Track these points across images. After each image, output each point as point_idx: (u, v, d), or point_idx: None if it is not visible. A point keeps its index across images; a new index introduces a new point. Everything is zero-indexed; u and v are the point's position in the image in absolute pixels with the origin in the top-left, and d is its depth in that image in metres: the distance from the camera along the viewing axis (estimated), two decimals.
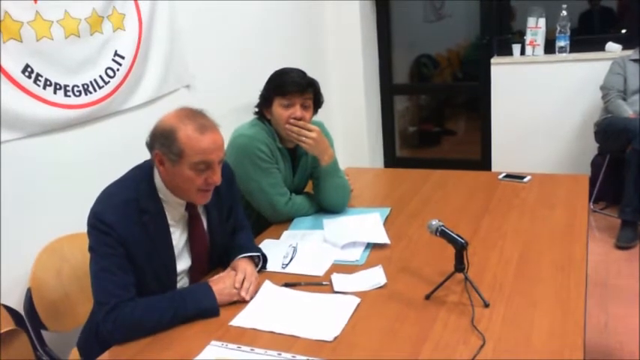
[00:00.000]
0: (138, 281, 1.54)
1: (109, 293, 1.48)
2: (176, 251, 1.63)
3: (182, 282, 1.68)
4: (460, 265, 1.48)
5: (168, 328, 1.46)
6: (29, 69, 2.02)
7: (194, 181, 1.54)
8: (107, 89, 2.32)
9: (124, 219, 1.51)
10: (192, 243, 1.68)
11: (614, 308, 2.74)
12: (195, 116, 1.55)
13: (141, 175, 1.60)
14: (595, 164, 3.88)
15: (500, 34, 4.29)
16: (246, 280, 1.60)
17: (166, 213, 1.60)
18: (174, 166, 1.53)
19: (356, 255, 1.79)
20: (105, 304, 1.46)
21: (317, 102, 2.15)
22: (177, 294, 1.56)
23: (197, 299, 1.52)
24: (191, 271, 1.70)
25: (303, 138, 2.05)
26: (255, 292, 1.61)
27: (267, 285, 1.64)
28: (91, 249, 1.53)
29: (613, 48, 3.90)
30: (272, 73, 2.15)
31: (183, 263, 1.66)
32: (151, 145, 1.57)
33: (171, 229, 1.62)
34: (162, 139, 1.52)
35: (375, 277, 1.63)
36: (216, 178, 1.56)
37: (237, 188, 1.90)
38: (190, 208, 1.65)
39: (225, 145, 2.08)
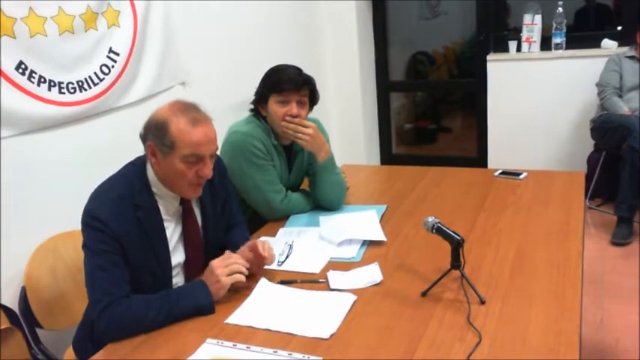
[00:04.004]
0: (133, 277, 1.53)
1: (103, 291, 1.47)
2: (170, 245, 1.63)
3: (177, 278, 1.68)
4: (456, 262, 1.48)
5: (163, 327, 1.46)
6: (23, 66, 2.00)
7: (185, 174, 1.54)
8: (102, 86, 2.31)
9: (118, 215, 1.51)
10: (186, 236, 1.67)
11: (609, 305, 2.74)
12: (188, 109, 1.56)
13: (134, 171, 1.60)
14: (591, 161, 3.88)
15: (497, 30, 4.29)
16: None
17: (160, 207, 1.60)
18: (165, 157, 1.53)
19: (352, 252, 1.79)
20: (99, 302, 1.46)
21: (313, 99, 2.14)
22: (172, 292, 1.56)
23: (192, 296, 1.51)
24: (186, 267, 1.69)
25: (300, 135, 2.05)
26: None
27: (263, 282, 1.64)
28: (85, 246, 1.53)
29: (608, 45, 3.91)
30: (267, 70, 2.14)
31: (177, 257, 1.66)
32: (144, 137, 1.58)
33: (165, 224, 1.61)
34: (155, 131, 1.53)
35: (371, 274, 1.63)
36: (207, 172, 1.56)
37: (230, 182, 1.89)
38: (184, 201, 1.65)
39: (221, 142, 2.09)
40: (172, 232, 1.64)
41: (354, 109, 4.52)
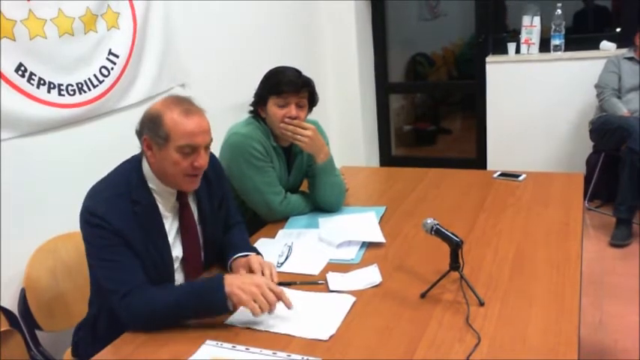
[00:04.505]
0: None
1: (118, 281, 1.48)
2: (169, 240, 1.63)
3: (176, 274, 1.67)
4: (455, 263, 1.48)
5: (182, 320, 1.45)
6: (23, 68, 2.01)
7: (180, 165, 1.54)
8: (101, 88, 2.31)
9: (117, 211, 1.51)
10: (183, 231, 1.67)
11: (608, 306, 2.75)
12: (181, 102, 1.58)
13: (129, 169, 1.61)
14: (590, 162, 3.89)
15: (496, 32, 4.30)
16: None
17: (157, 203, 1.61)
18: (161, 150, 1.54)
19: (351, 254, 1.79)
20: (116, 292, 1.47)
21: (312, 101, 2.15)
22: (189, 286, 1.55)
23: (207, 291, 1.46)
24: (184, 264, 1.69)
25: (299, 137, 2.05)
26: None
27: None
28: (87, 244, 1.54)
29: (607, 46, 3.92)
30: (267, 72, 2.14)
31: (175, 252, 1.66)
32: (140, 132, 1.59)
33: (163, 220, 1.62)
34: (149, 124, 1.55)
35: (370, 275, 1.63)
36: (202, 162, 1.57)
37: (227, 181, 1.90)
38: (181, 197, 1.66)
39: (220, 144, 2.10)
40: (170, 227, 1.64)
41: (353, 111, 4.53)
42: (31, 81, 2.04)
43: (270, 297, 1.42)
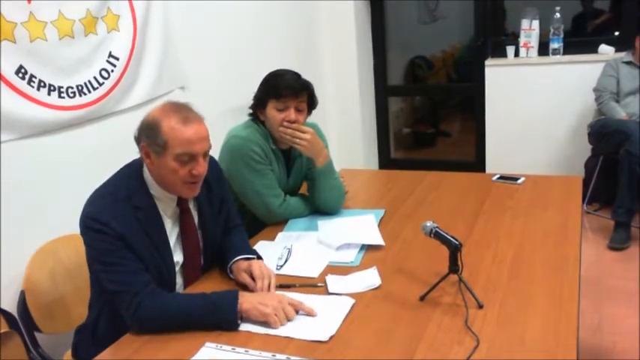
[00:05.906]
0: None
1: (123, 283, 1.49)
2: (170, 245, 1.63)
3: (176, 279, 1.68)
4: (454, 266, 1.49)
5: (188, 329, 1.45)
6: (23, 70, 2.01)
7: (178, 173, 1.54)
8: (101, 90, 2.32)
9: (118, 216, 1.51)
10: (183, 237, 1.68)
11: (607, 308, 2.75)
12: (180, 109, 1.57)
13: (129, 173, 1.61)
14: (588, 166, 3.89)
15: (495, 35, 4.31)
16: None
17: (158, 209, 1.61)
18: (159, 157, 1.54)
19: (350, 256, 1.80)
20: (124, 293, 1.47)
21: (311, 104, 2.15)
22: (203, 298, 1.50)
23: (220, 308, 1.46)
24: (184, 268, 1.69)
25: (297, 140, 2.05)
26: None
27: None
28: (89, 248, 1.54)
29: (606, 50, 3.92)
30: (266, 75, 2.14)
31: (175, 257, 1.66)
32: (138, 139, 1.59)
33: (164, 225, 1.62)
34: (147, 131, 1.55)
35: (369, 278, 1.63)
36: (201, 169, 1.56)
37: (227, 184, 1.90)
38: (181, 202, 1.66)
39: (219, 147, 2.10)
40: (170, 232, 1.64)
41: (352, 113, 4.54)
42: (32, 83, 2.04)
43: (290, 312, 1.45)
